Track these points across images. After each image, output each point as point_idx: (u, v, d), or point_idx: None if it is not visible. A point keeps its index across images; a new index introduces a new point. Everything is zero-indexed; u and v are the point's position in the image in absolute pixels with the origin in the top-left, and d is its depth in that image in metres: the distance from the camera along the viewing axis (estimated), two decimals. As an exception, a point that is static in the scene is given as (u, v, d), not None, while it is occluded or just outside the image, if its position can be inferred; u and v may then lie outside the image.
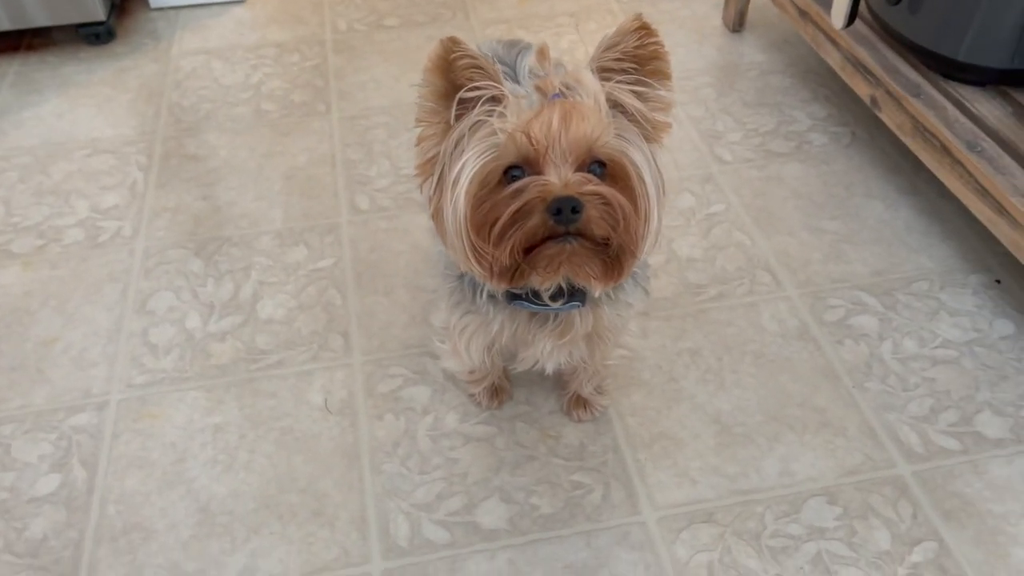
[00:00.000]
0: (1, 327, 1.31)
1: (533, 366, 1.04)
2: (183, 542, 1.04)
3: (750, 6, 1.94)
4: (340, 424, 1.17)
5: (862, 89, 1.47)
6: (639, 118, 0.81)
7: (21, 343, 1.29)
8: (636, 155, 0.79)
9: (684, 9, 2.01)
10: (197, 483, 1.11)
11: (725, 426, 1.15)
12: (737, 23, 1.92)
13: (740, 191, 1.51)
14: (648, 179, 0.80)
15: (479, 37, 1.92)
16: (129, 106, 1.76)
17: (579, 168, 0.77)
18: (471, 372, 1.14)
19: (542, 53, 0.83)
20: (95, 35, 1.93)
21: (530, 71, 0.88)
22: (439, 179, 0.82)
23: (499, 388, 1.18)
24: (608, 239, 0.79)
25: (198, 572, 1.01)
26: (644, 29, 0.78)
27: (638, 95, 0.80)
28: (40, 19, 1.84)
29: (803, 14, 1.62)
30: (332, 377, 1.23)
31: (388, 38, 1.95)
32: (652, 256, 1.36)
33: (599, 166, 0.79)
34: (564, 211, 0.75)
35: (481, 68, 0.78)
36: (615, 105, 0.80)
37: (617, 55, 0.79)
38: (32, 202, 1.54)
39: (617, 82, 0.79)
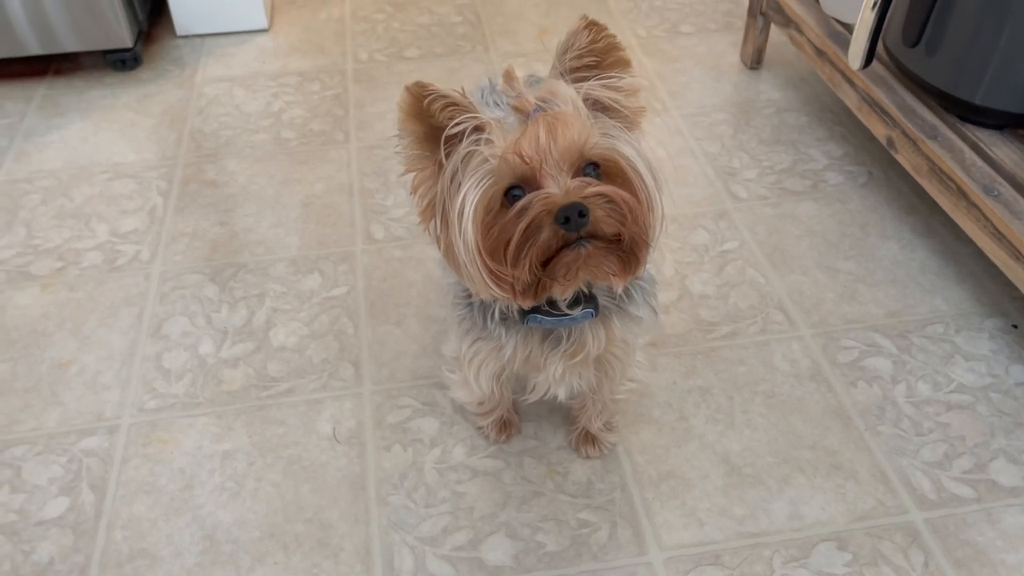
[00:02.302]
0: (17, 348, 1.33)
1: (545, 394, 1.03)
2: (188, 570, 1.04)
3: (768, 44, 1.95)
4: (348, 454, 1.17)
5: (879, 130, 1.47)
6: (618, 107, 0.82)
7: (36, 365, 1.30)
8: (625, 148, 0.81)
9: (702, 45, 2.02)
10: (204, 510, 1.11)
11: (734, 466, 1.14)
12: (755, 60, 1.93)
13: (754, 228, 1.51)
14: (642, 168, 0.81)
15: (498, 70, 1.94)
16: (152, 131, 1.79)
17: (575, 174, 0.79)
18: (480, 404, 1.14)
19: (508, 75, 0.84)
20: (121, 61, 1.97)
21: (502, 95, 0.89)
22: (443, 217, 0.83)
23: (508, 421, 1.18)
24: (620, 234, 0.80)
25: (201, 601, 1.01)
26: (593, 25, 0.80)
27: (609, 87, 0.82)
28: (69, 44, 1.88)
29: (820, 53, 1.63)
30: (341, 406, 1.23)
31: (408, 69, 1.97)
32: (664, 291, 1.36)
33: (593, 168, 0.80)
34: (572, 218, 0.76)
35: (456, 104, 0.79)
36: (592, 105, 0.82)
37: (576, 54, 0.81)
38: (53, 224, 1.56)
39: (588, 81, 0.81)
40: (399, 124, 0.81)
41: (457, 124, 0.79)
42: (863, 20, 1.35)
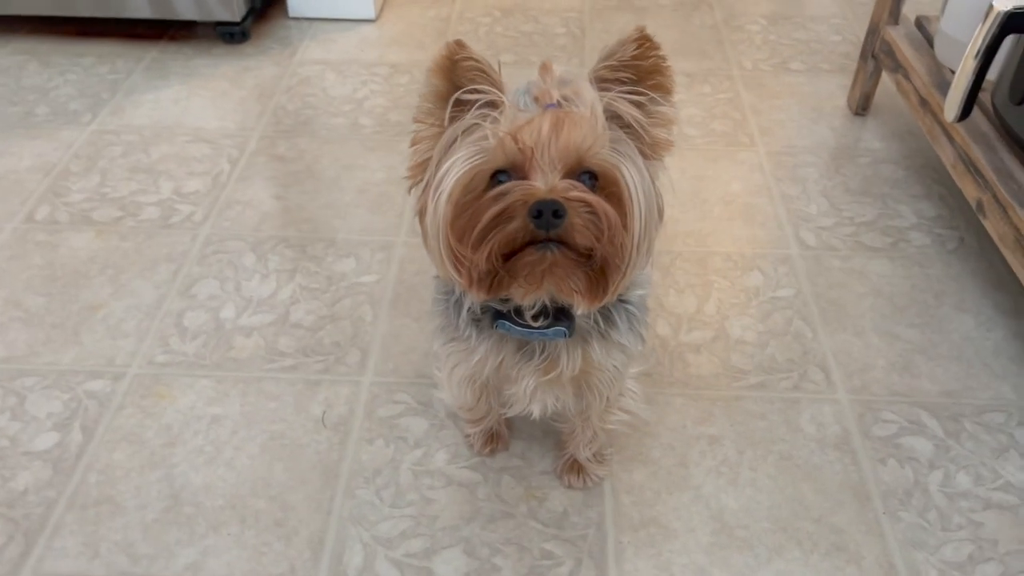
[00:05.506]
0: (58, 285, 1.38)
1: (523, 410, 0.97)
2: (145, 524, 1.04)
3: (880, 91, 1.82)
4: (330, 440, 1.14)
5: (970, 191, 1.33)
6: (638, 129, 0.77)
7: (69, 303, 1.34)
8: (630, 169, 0.75)
9: (808, 85, 1.91)
10: (177, 469, 1.11)
11: (726, 525, 1.04)
12: (861, 106, 1.80)
13: (815, 279, 1.39)
14: (640, 195, 0.76)
15: (587, 84, 1.89)
16: (240, 103, 1.84)
17: (568, 176, 0.74)
18: (470, 409, 1.09)
19: (545, 68, 0.80)
20: (230, 34, 2.04)
21: (532, 85, 0.85)
22: (428, 181, 0.80)
23: (496, 435, 1.12)
24: (592, 250, 0.74)
25: (148, 557, 1.01)
26: (645, 40, 0.75)
27: (638, 107, 0.76)
28: (185, 12, 1.96)
29: (923, 103, 1.50)
30: (337, 391, 1.21)
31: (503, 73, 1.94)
32: (699, 329, 1.27)
33: (590, 177, 0.75)
34: (545, 214, 0.71)
35: (484, 72, 0.76)
36: (613, 117, 0.76)
37: (613, 64, 0.76)
38: (125, 176, 1.62)
39: (617, 93, 0.76)
40: (426, 74, 0.78)
41: (474, 91, 0.76)
42: (963, 69, 1.23)
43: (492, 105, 0.76)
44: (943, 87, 1.47)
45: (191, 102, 1.84)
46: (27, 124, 1.76)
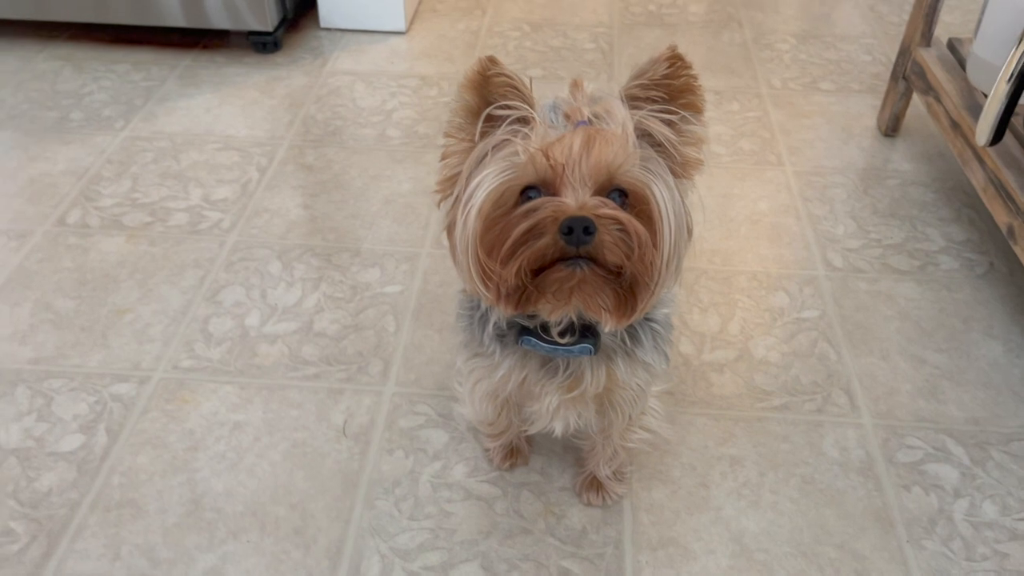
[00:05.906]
0: (87, 289, 1.39)
1: (544, 427, 0.97)
2: (166, 528, 1.05)
3: (911, 112, 1.81)
4: (351, 449, 1.15)
5: (1001, 216, 1.32)
6: (669, 148, 0.77)
7: (98, 307, 1.36)
8: (660, 187, 0.75)
9: (838, 105, 1.90)
10: (199, 474, 1.11)
11: (745, 548, 1.03)
12: (890, 127, 1.79)
13: (841, 301, 1.38)
14: (671, 213, 0.76)
15: (615, 100, 1.89)
16: (269, 111, 1.86)
17: (598, 193, 0.75)
18: (490, 424, 1.09)
19: (576, 85, 0.81)
20: (262, 44, 2.06)
21: (560, 101, 0.85)
22: (458, 195, 0.80)
23: (515, 449, 1.12)
24: (621, 267, 0.75)
25: (169, 561, 1.01)
26: (677, 59, 0.75)
27: (669, 125, 0.77)
28: (218, 22, 1.99)
29: (955, 126, 1.49)
30: (359, 401, 1.21)
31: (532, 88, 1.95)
32: (723, 349, 1.27)
33: (620, 195, 0.76)
34: (576, 231, 0.71)
35: (515, 88, 0.76)
36: (644, 135, 0.77)
37: (645, 82, 0.76)
38: (155, 182, 1.64)
39: (648, 111, 0.76)
40: (457, 89, 0.79)
41: (505, 107, 0.76)
42: (996, 93, 1.22)
43: (523, 121, 0.77)
44: (975, 110, 1.46)
45: (222, 110, 1.86)
46: (61, 129, 1.79)
